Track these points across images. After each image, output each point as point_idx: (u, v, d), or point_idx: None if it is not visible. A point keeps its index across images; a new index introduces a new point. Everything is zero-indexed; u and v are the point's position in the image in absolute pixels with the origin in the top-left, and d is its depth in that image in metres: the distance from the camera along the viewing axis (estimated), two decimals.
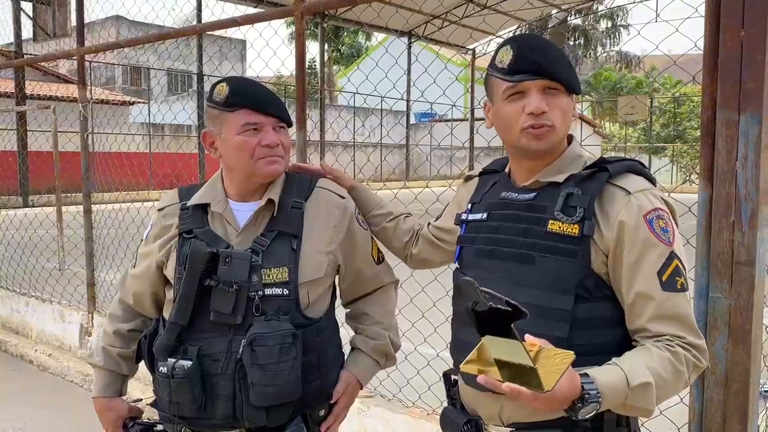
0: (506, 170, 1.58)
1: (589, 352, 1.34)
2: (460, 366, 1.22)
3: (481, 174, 1.67)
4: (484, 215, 1.52)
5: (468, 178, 1.73)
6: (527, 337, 1.19)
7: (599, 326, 1.37)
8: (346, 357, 1.86)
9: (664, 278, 1.33)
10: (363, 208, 1.90)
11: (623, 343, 1.38)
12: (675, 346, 1.30)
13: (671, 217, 1.39)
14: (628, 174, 1.41)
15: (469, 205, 1.60)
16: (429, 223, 1.87)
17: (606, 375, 1.25)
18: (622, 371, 1.25)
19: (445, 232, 1.78)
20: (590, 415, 1.22)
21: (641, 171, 1.43)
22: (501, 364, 1.14)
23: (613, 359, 1.30)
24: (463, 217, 1.59)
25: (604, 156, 1.47)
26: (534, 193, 1.45)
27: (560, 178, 1.42)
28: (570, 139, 1.50)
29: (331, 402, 1.75)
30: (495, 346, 1.15)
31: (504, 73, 1.41)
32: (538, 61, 1.38)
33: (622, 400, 1.25)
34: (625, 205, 1.35)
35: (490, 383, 1.16)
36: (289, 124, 1.72)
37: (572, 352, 1.16)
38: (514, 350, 1.13)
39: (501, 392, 1.15)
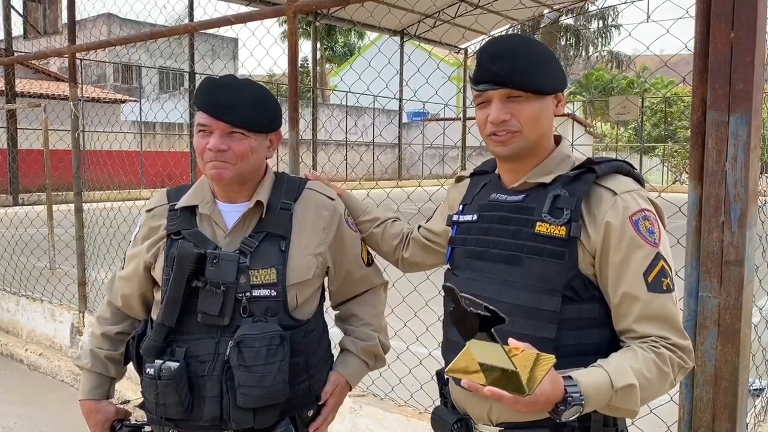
0: (496, 171, 1.58)
1: (577, 352, 1.35)
2: (446, 369, 1.22)
3: (472, 175, 1.67)
4: (475, 217, 1.53)
5: (459, 179, 1.73)
6: (510, 340, 1.19)
7: (587, 327, 1.37)
8: (335, 358, 1.85)
9: (649, 279, 1.33)
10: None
11: (611, 343, 1.38)
12: (660, 347, 1.31)
13: (658, 218, 1.39)
14: (615, 175, 1.41)
15: (461, 206, 1.61)
16: (419, 226, 1.87)
17: (590, 377, 1.25)
18: (606, 373, 1.26)
19: (436, 234, 1.78)
20: (574, 417, 1.23)
21: (629, 171, 1.43)
22: (485, 368, 1.15)
23: (599, 361, 1.30)
24: (455, 218, 1.60)
25: (592, 157, 1.47)
26: (522, 195, 1.45)
27: (548, 179, 1.42)
28: (558, 139, 1.51)
29: (320, 403, 1.74)
30: (479, 350, 1.16)
31: (471, 82, 1.45)
32: (496, 72, 1.38)
33: (607, 401, 1.26)
34: (612, 206, 1.35)
35: (473, 387, 1.16)
36: (253, 129, 1.62)
37: (553, 356, 1.17)
38: (496, 354, 1.15)
39: (484, 395, 1.16)
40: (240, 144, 1.61)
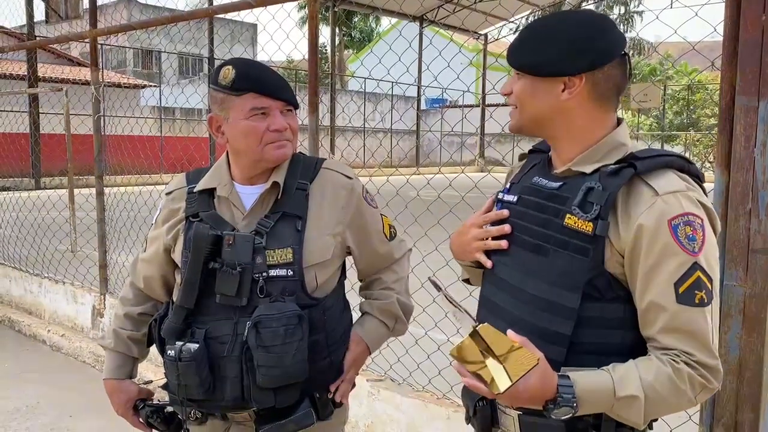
0: (549, 153, 1.50)
1: (596, 351, 1.30)
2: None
3: (530, 152, 1.60)
4: (515, 198, 1.47)
5: (522, 157, 1.65)
6: (509, 332, 1.18)
7: (609, 327, 1.31)
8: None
9: (681, 290, 1.24)
10: None
11: (636, 345, 1.31)
12: (680, 363, 1.23)
13: (704, 224, 1.26)
14: (665, 171, 1.29)
15: (509, 184, 1.56)
16: None
17: (590, 380, 1.22)
18: (611, 379, 1.22)
19: None
20: (566, 417, 1.21)
21: (683, 167, 1.32)
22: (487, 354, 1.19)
23: (611, 365, 1.26)
24: (500, 195, 1.54)
25: (635, 151, 1.35)
26: (560, 183, 1.38)
27: (589, 169, 1.34)
28: (619, 122, 1.40)
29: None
30: (474, 340, 1.20)
31: None
32: (509, 52, 1.40)
33: (607, 408, 1.22)
34: (649, 207, 1.26)
35: (460, 371, 1.21)
36: (296, 107, 1.69)
37: (538, 356, 1.17)
38: (475, 350, 1.19)
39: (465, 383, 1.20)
40: (294, 121, 1.68)
